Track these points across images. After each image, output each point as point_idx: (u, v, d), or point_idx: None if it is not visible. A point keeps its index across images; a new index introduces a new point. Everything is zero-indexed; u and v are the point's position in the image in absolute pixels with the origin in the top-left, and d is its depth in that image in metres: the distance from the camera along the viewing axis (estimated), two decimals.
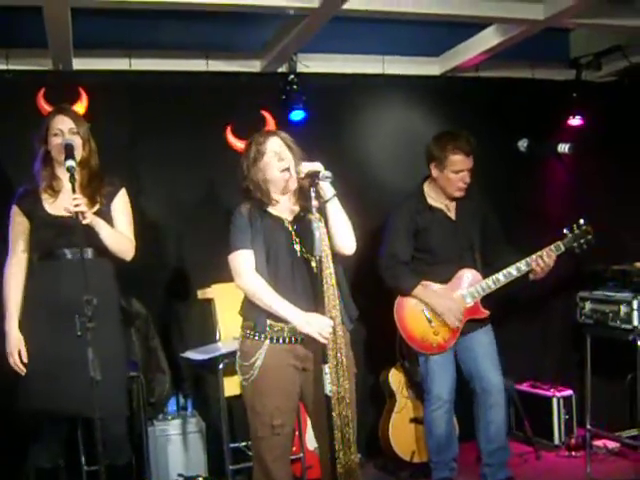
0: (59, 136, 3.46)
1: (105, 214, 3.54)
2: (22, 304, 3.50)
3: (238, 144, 3.27)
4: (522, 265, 4.15)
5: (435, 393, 4.28)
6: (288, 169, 3.17)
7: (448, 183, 4.18)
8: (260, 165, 3.17)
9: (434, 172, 4.21)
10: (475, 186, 4.26)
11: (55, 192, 3.52)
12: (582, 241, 4.21)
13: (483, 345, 4.27)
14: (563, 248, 4.18)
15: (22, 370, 3.43)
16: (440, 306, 4.15)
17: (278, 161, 3.17)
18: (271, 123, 3.45)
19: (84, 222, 3.26)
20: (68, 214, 3.31)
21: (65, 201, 3.44)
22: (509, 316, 5.15)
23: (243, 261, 3.17)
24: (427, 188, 4.30)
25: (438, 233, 4.22)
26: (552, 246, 4.16)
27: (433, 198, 4.27)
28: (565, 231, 4.21)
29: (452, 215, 4.28)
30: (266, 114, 3.48)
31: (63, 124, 3.48)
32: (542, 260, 4.12)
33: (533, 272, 4.18)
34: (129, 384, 3.81)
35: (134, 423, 4.09)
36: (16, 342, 3.44)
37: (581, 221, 4.22)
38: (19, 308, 3.50)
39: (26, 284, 3.52)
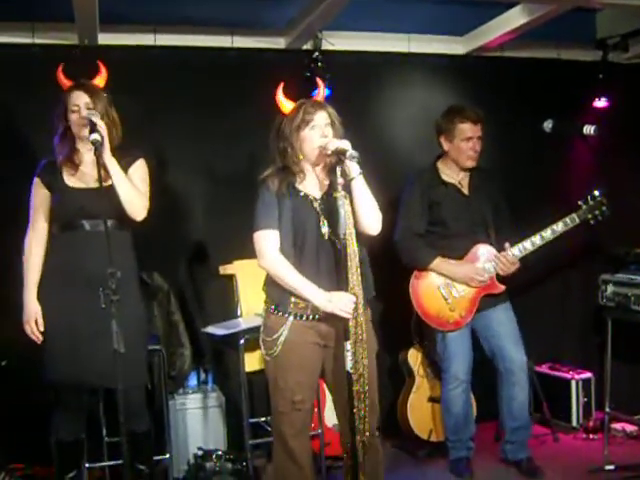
0: (76, 112, 3.48)
1: None
2: (42, 275, 3.54)
3: (286, 105, 3.24)
4: (537, 239, 4.17)
5: (452, 373, 4.31)
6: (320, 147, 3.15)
7: (459, 153, 4.21)
8: (302, 134, 3.15)
9: (445, 145, 4.26)
10: (496, 167, 4.25)
11: (75, 165, 3.54)
12: (596, 212, 4.20)
13: (503, 323, 4.28)
14: (577, 220, 4.18)
15: (39, 338, 3.47)
16: (461, 274, 4.18)
17: (320, 136, 3.14)
18: (321, 92, 3.43)
19: (103, 157, 3.26)
20: (88, 186, 3.34)
21: (86, 174, 3.47)
22: (529, 298, 5.15)
23: (267, 242, 3.16)
24: (440, 164, 4.33)
25: (451, 207, 4.24)
26: (566, 218, 4.17)
27: (446, 174, 4.30)
28: (580, 203, 4.21)
29: (465, 190, 4.29)
30: (320, 82, 3.47)
31: (79, 99, 3.49)
32: (554, 232, 4.16)
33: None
34: (150, 357, 3.84)
35: (155, 396, 4.13)
36: (33, 311, 3.48)
37: (596, 192, 4.20)
38: (38, 279, 3.53)
39: (46, 255, 3.56)
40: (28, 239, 3.57)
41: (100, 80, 3.62)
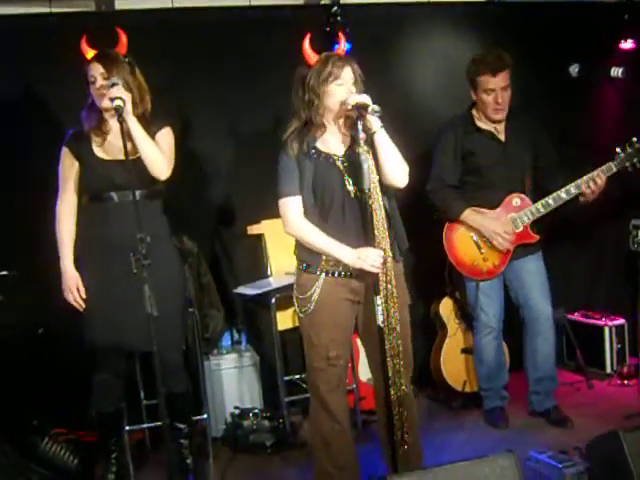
0: (94, 83, 3.47)
1: None
2: (76, 246, 3.57)
3: (313, 57, 3.21)
4: (572, 188, 4.10)
5: (483, 320, 4.31)
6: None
7: (484, 105, 4.14)
8: (328, 88, 3.11)
9: (473, 96, 4.20)
10: (527, 112, 4.20)
11: (103, 134, 3.54)
12: (635, 160, 4.10)
13: (532, 273, 4.26)
14: (615, 169, 4.09)
15: (81, 305, 3.52)
16: (488, 230, 4.15)
17: (346, 93, 3.09)
18: (342, 47, 3.40)
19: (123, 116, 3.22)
20: (115, 157, 3.35)
21: (114, 145, 3.47)
22: (561, 245, 5.13)
23: (291, 209, 3.17)
24: (475, 111, 4.25)
25: (486, 155, 4.17)
26: (603, 167, 4.07)
27: (482, 121, 4.22)
28: (617, 150, 4.10)
29: (501, 137, 4.21)
30: (341, 37, 3.44)
31: (95, 70, 3.48)
32: (593, 182, 4.05)
33: (583, 195, 4.11)
34: (185, 320, 3.88)
35: (190, 358, 4.18)
36: (73, 279, 3.53)
37: (634, 139, 4.09)
38: (72, 247, 3.56)
39: (78, 227, 3.59)
40: (58, 209, 3.59)
41: (121, 47, 3.61)
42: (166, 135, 3.61)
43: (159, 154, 3.48)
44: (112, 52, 3.56)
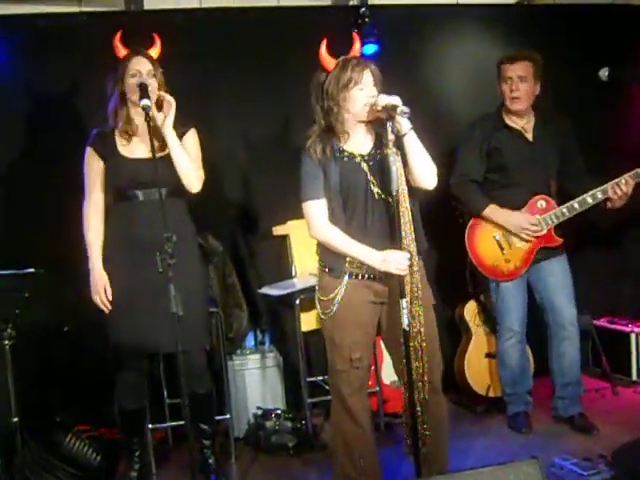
0: (137, 77, 3.46)
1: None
2: (103, 245, 3.58)
3: (330, 62, 3.19)
4: (598, 193, 4.03)
5: (506, 324, 4.27)
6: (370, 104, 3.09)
7: (503, 96, 4.13)
8: (349, 93, 3.08)
9: (499, 90, 4.18)
10: (559, 113, 4.17)
11: (129, 135, 3.55)
12: None
13: (556, 276, 4.21)
14: None
15: (107, 308, 3.53)
16: (514, 225, 4.11)
17: (367, 97, 3.08)
18: (356, 48, 3.37)
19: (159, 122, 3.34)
20: (141, 156, 3.38)
21: (139, 144, 3.48)
22: (586, 249, 5.09)
23: (315, 212, 3.15)
24: (504, 109, 4.20)
25: (513, 153, 4.13)
26: (631, 173, 4.00)
27: (511, 119, 4.18)
28: None
29: (529, 136, 4.15)
30: (355, 36, 3.41)
31: (141, 65, 3.49)
32: (619, 188, 3.98)
33: (610, 200, 4.05)
34: (209, 320, 3.89)
35: (213, 358, 4.20)
36: (101, 281, 3.53)
37: None
38: (101, 248, 3.57)
39: (105, 226, 3.60)
40: (85, 210, 3.61)
41: (154, 51, 3.62)
42: (191, 138, 3.63)
43: (193, 167, 3.52)
44: (150, 53, 3.58)
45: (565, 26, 5.17)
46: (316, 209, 3.15)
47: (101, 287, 3.52)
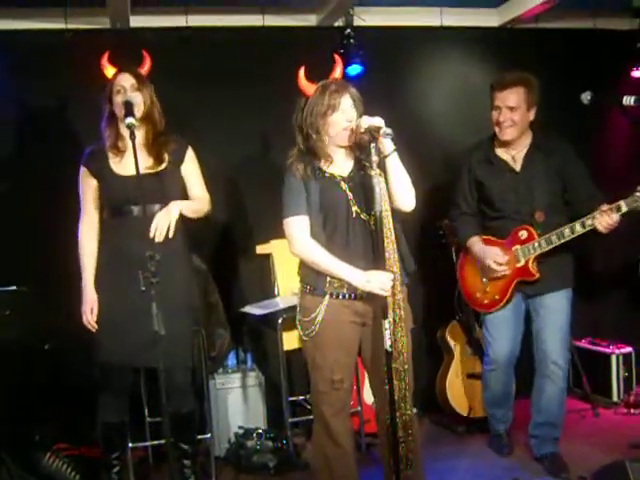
0: (121, 93, 3.50)
1: (171, 173, 3.61)
2: (98, 261, 3.60)
3: (309, 88, 3.21)
4: (577, 226, 3.79)
5: (491, 355, 4.19)
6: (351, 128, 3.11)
7: (493, 123, 3.99)
8: (328, 120, 3.10)
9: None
10: (556, 137, 4.07)
11: (120, 151, 3.57)
12: None
13: (549, 310, 4.02)
14: (625, 208, 3.69)
15: (93, 327, 3.55)
16: (482, 258, 4.03)
17: (346, 121, 3.10)
18: (338, 70, 3.37)
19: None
20: (134, 173, 3.39)
21: (132, 161, 3.48)
22: None
23: (298, 228, 3.14)
24: (496, 138, 4.07)
25: (496, 186, 4.03)
26: (613, 206, 3.71)
27: (500, 149, 4.06)
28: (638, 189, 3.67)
29: (517, 166, 4.01)
30: (337, 58, 3.41)
31: (124, 81, 3.52)
32: (600, 220, 3.71)
33: (595, 229, 3.79)
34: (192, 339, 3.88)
35: (195, 376, 4.18)
36: (91, 302, 3.56)
37: None
38: (94, 268, 3.60)
39: (100, 242, 3.62)
40: (80, 231, 3.63)
41: (144, 68, 3.64)
42: (192, 159, 3.72)
43: (201, 207, 3.69)
44: (139, 70, 3.62)
45: (547, 49, 5.23)
46: (299, 225, 3.14)
47: (89, 308, 3.55)
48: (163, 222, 3.46)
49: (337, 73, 3.35)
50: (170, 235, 3.47)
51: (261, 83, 4.77)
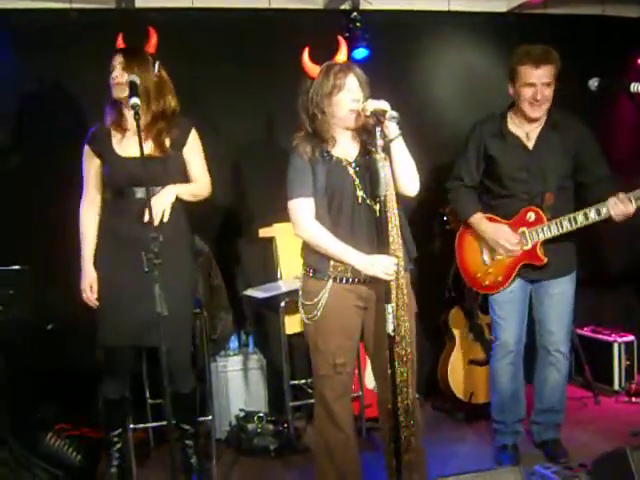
0: (113, 72, 3.49)
1: (173, 158, 3.59)
2: (99, 241, 3.61)
3: (314, 69, 3.19)
4: (592, 213, 3.69)
5: (501, 340, 4.01)
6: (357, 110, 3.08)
7: (520, 100, 3.78)
8: (334, 99, 3.08)
9: (510, 90, 3.85)
10: (573, 116, 3.95)
11: (123, 130, 3.57)
12: None
13: (553, 297, 3.94)
14: None
15: (95, 304, 3.57)
16: (490, 237, 3.90)
17: (352, 101, 3.07)
18: (342, 52, 3.35)
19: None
20: (136, 154, 3.37)
21: (133, 142, 3.47)
22: None
23: (303, 210, 3.12)
24: (511, 112, 3.92)
25: (508, 163, 3.86)
26: (631, 194, 3.61)
27: (515, 124, 3.89)
28: None
29: (530, 144, 3.85)
30: (341, 40, 3.39)
31: (115, 60, 3.51)
32: (615, 210, 3.62)
33: (609, 219, 3.70)
34: (193, 320, 3.89)
35: (197, 359, 4.18)
36: (90, 279, 3.57)
37: None
38: (93, 247, 3.61)
39: (101, 221, 3.63)
40: (82, 208, 3.64)
41: (150, 46, 3.62)
42: (194, 141, 3.69)
43: (201, 190, 3.70)
44: (138, 48, 3.59)
45: (555, 36, 5.16)
46: (304, 206, 3.12)
47: (88, 285, 3.57)
48: (158, 207, 3.46)
49: (341, 55, 3.32)
50: (165, 220, 3.48)
51: (266, 65, 4.75)
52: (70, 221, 3.65)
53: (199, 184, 3.70)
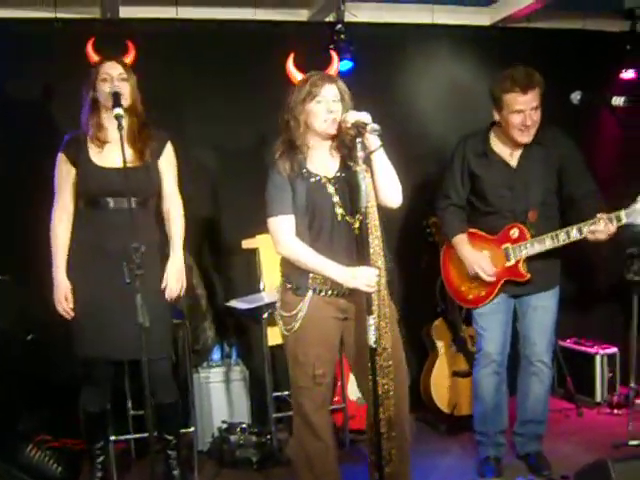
0: (107, 81, 3.46)
1: (152, 169, 3.59)
2: (70, 251, 3.56)
3: (297, 76, 3.21)
4: (574, 231, 3.67)
5: (484, 350, 4.01)
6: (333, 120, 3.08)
7: (508, 127, 3.76)
8: (307, 107, 3.08)
9: (496, 115, 3.82)
10: (558, 131, 3.94)
11: (102, 142, 3.53)
12: None
13: (535, 309, 3.95)
14: (625, 219, 3.55)
15: (69, 314, 3.52)
16: (468, 262, 3.92)
17: (326, 112, 3.07)
18: (334, 66, 3.36)
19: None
20: (113, 165, 3.37)
21: (112, 152, 3.46)
22: None
23: (283, 228, 3.12)
24: (493, 130, 3.93)
25: (492, 181, 3.88)
26: (613, 215, 3.58)
27: (499, 143, 3.90)
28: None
29: (513, 162, 3.87)
30: (333, 54, 3.40)
31: (112, 69, 3.49)
32: (597, 232, 3.59)
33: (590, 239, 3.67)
34: (175, 331, 3.87)
35: (179, 370, 4.17)
36: (63, 289, 3.52)
37: None
38: (66, 255, 3.56)
39: (73, 232, 3.58)
40: (54, 216, 3.59)
41: (129, 58, 3.62)
42: (169, 156, 3.68)
43: (181, 218, 3.74)
44: (124, 59, 3.59)
45: (538, 49, 5.22)
46: (284, 224, 3.11)
47: (62, 295, 3.52)
48: (175, 287, 3.61)
49: (332, 70, 3.34)
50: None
51: (250, 77, 4.75)
52: (49, 230, 3.60)
53: (176, 218, 3.71)
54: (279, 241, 3.14)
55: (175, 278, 3.62)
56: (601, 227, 3.58)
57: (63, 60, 4.33)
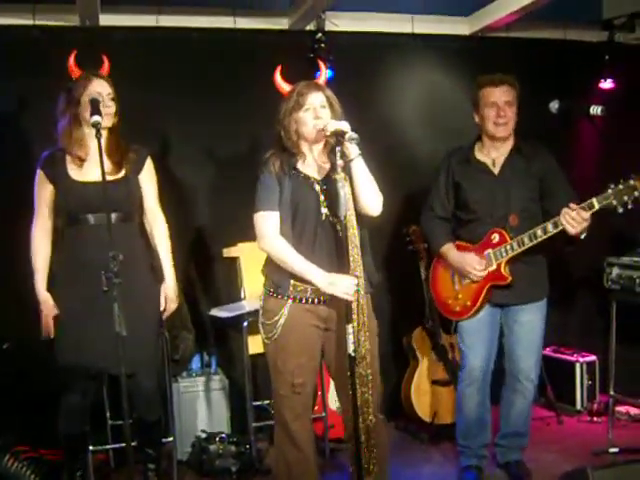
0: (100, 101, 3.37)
1: (131, 182, 3.57)
2: (51, 268, 3.54)
3: (284, 87, 3.24)
4: (549, 226, 3.67)
5: (467, 367, 3.99)
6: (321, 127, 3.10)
7: (484, 121, 3.87)
8: (295, 116, 3.13)
9: (476, 118, 3.94)
10: (538, 145, 3.99)
11: (80, 157, 3.49)
12: (626, 198, 3.53)
13: (523, 325, 3.95)
14: (597, 205, 3.56)
15: (50, 334, 3.50)
16: (457, 264, 3.93)
17: (314, 118, 3.10)
18: (323, 75, 3.39)
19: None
20: (92, 179, 3.34)
21: (91, 166, 3.43)
22: None
23: (267, 223, 3.14)
24: (478, 141, 4.00)
25: (473, 188, 3.93)
26: (585, 204, 3.59)
27: (482, 152, 3.97)
28: (611, 186, 3.56)
29: (495, 170, 3.91)
30: (322, 65, 3.42)
31: (102, 88, 3.45)
32: (571, 218, 3.59)
33: (567, 230, 3.65)
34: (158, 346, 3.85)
35: (159, 379, 4.14)
36: (51, 308, 3.49)
37: (631, 178, 3.56)
38: (46, 272, 3.53)
39: (53, 248, 3.56)
40: (33, 233, 3.56)
41: (104, 70, 3.59)
42: (150, 168, 3.66)
43: (165, 234, 3.76)
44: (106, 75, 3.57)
45: (517, 59, 5.25)
46: (268, 221, 3.14)
47: (51, 313, 3.49)
48: (172, 309, 3.73)
49: (322, 79, 3.38)
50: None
51: (230, 86, 4.75)
52: (26, 240, 3.57)
53: (162, 239, 3.73)
54: (263, 236, 3.16)
55: (171, 304, 3.71)
56: (573, 214, 3.58)
57: (41, 68, 4.29)
